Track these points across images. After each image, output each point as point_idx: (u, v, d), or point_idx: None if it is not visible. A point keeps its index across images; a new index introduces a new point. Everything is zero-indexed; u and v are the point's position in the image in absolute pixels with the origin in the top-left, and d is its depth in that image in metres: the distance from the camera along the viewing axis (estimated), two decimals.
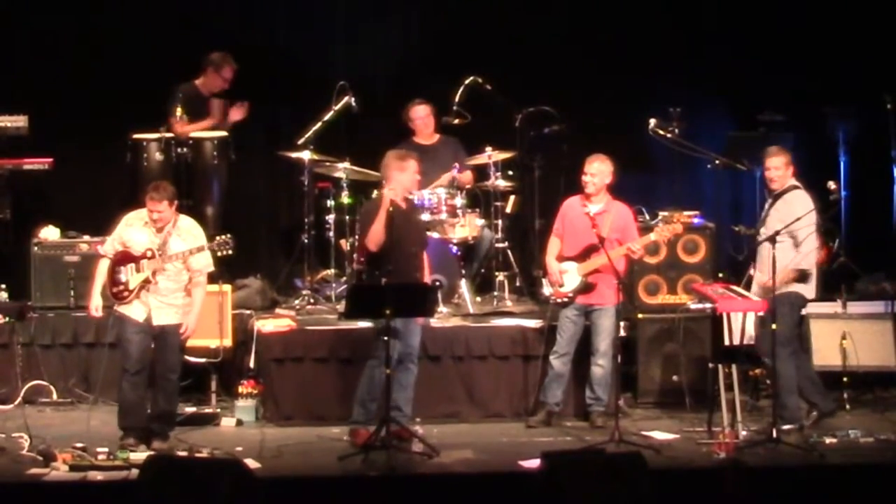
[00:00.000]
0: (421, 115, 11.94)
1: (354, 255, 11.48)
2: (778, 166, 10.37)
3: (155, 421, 10.17)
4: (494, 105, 12.02)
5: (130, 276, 10.09)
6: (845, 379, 10.90)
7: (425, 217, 11.40)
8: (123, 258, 10.11)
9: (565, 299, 10.63)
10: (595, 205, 10.61)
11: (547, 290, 10.81)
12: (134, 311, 10.11)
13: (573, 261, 10.62)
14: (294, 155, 11.92)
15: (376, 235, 10.01)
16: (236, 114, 12.01)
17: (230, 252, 10.30)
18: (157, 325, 10.08)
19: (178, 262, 10.09)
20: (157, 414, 10.18)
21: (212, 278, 11.43)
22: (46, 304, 11.50)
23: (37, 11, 12.54)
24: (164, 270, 10.08)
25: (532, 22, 12.87)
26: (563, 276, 10.63)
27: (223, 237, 10.30)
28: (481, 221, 11.82)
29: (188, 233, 10.22)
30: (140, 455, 9.40)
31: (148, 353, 10.08)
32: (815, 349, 11.46)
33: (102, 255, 10.20)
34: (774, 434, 9.92)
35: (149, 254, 10.10)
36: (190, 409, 10.86)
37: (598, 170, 10.61)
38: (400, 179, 10.15)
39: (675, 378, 11.10)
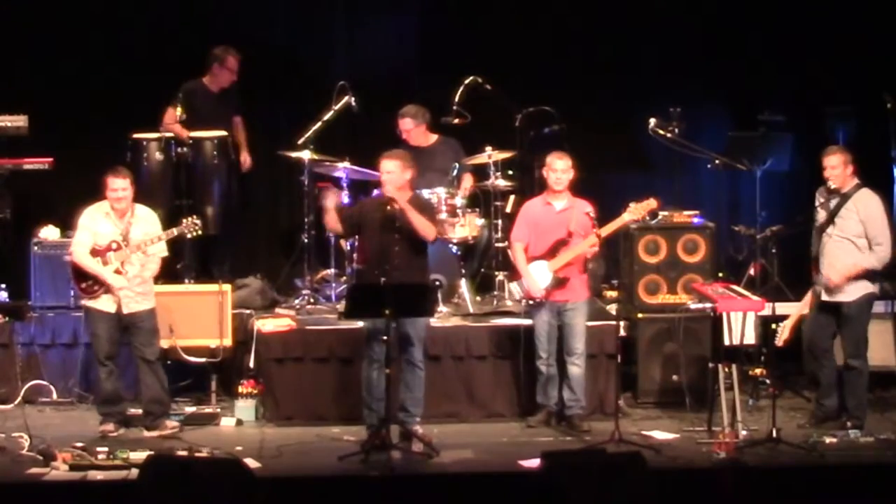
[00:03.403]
0: (407, 127, 11.82)
1: (355, 255, 11.50)
2: (835, 165, 10.34)
3: (153, 404, 10.46)
4: (494, 105, 12.01)
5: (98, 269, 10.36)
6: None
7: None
8: (90, 254, 10.39)
9: (540, 299, 10.59)
10: (559, 201, 10.62)
11: (517, 292, 10.79)
12: (103, 303, 10.40)
13: (541, 259, 10.59)
14: (294, 155, 11.91)
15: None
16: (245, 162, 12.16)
17: (199, 233, 10.67)
18: (127, 313, 10.36)
19: (146, 248, 10.39)
20: (152, 398, 10.47)
21: (210, 276, 11.50)
22: (46, 304, 11.50)
23: (37, 11, 12.53)
24: (130, 260, 10.34)
25: (532, 22, 12.86)
26: (534, 276, 10.58)
27: (190, 219, 10.66)
28: (481, 221, 11.82)
29: (146, 221, 10.53)
30: (140, 455, 9.40)
31: (117, 342, 10.41)
32: None
33: (81, 251, 10.39)
34: (774, 434, 9.94)
35: (114, 245, 10.38)
36: (190, 409, 10.88)
37: (566, 167, 10.61)
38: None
39: (675, 378, 11.10)
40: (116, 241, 10.40)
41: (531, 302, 10.62)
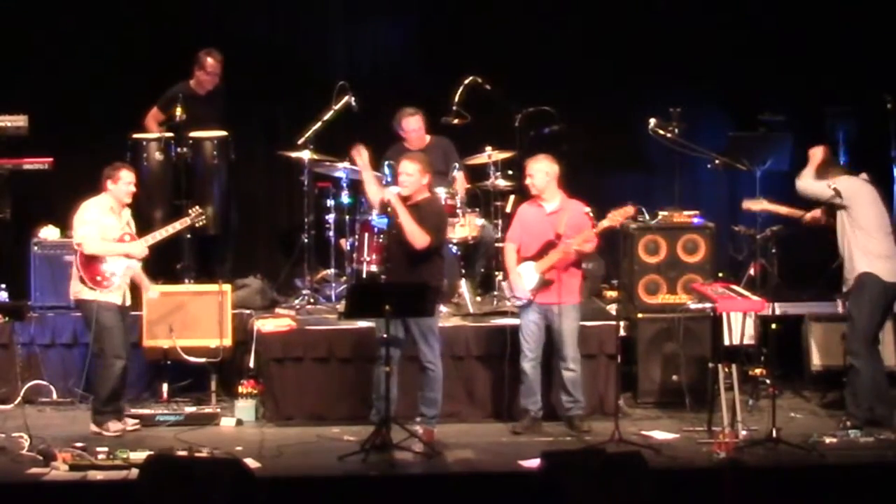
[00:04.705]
0: (413, 127, 11.77)
1: (354, 255, 11.50)
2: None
3: (120, 399, 10.58)
4: (494, 105, 12.01)
5: (115, 262, 10.41)
6: (845, 379, 10.89)
7: None
8: None
9: (525, 300, 10.58)
10: (550, 203, 10.60)
11: (508, 292, 10.80)
12: (114, 296, 10.44)
13: (530, 260, 10.58)
14: (294, 155, 11.92)
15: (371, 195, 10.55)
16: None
17: (204, 222, 10.98)
18: (127, 306, 10.52)
19: (158, 238, 10.63)
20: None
21: (212, 276, 11.51)
22: (46, 304, 11.50)
23: (37, 12, 12.54)
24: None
25: (532, 22, 12.86)
26: (522, 277, 10.58)
27: (195, 210, 10.93)
28: (481, 221, 11.82)
29: (130, 216, 10.68)
30: (140, 455, 9.40)
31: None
32: (815, 349, 11.52)
33: (95, 241, 10.42)
34: (774, 434, 9.94)
35: (127, 237, 10.49)
36: (190, 409, 10.88)
37: (536, 170, 10.57)
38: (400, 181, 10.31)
39: (675, 378, 11.10)
40: (130, 232, 10.52)
41: (518, 302, 10.62)
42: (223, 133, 12.00)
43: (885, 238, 10.39)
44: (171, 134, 11.78)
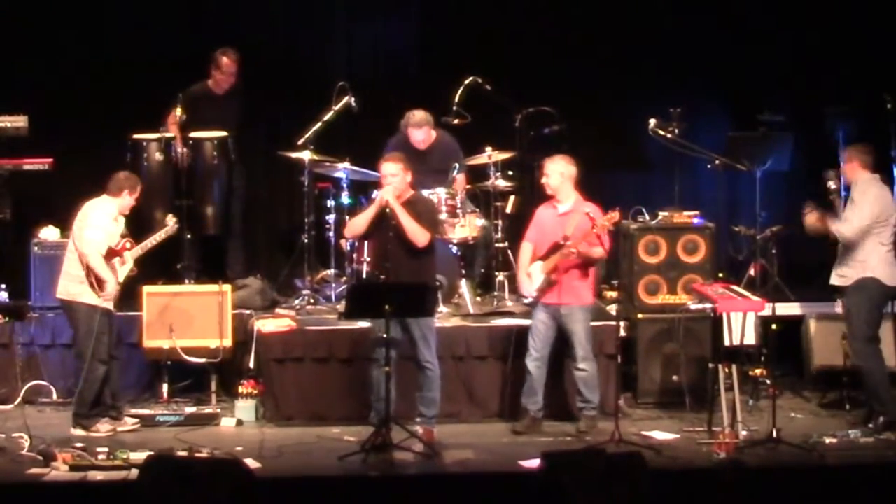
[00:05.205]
0: (418, 139, 11.71)
1: (355, 255, 11.50)
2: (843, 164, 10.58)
3: (116, 399, 10.63)
4: (494, 105, 12.01)
5: (118, 269, 10.48)
6: (845, 379, 10.91)
7: None
8: (108, 255, 10.45)
9: (532, 298, 10.59)
10: (564, 205, 10.60)
11: (520, 289, 10.82)
12: (109, 302, 10.47)
13: (539, 260, 10.59)
14: (294, 155, 11.91)
15: (355, 226, 10.35)
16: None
17: (176, 232, 11.04)
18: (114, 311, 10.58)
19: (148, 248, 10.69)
20: (114, 392, 10.63)
21: (211, 277, 11.51)
22: (46, 304, 11.49)
23: (37, 11, 12.54)
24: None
25: (532, 22, 12.86)
26: (531, 277, 10.58)
27: (172, 218, 11.02)
28: (482, 221, 11.82)
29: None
30: (140, 455, 9.40)
31: None
32: (815, 349, 11.51)
33: (98, 254, 10.38)
34: (774, 434, 9.94)
35: (128, 245, 10.53)
36: (190, 410, 10.88)
37: (552, 170, 10.58)
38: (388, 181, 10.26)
39: (675, 378, 11.10)
40: (130, 240, 10.55)
41: (526, 301, 10.60)
42: (223, 133, 12.00)
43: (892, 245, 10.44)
44: (171, 134, 11.78)
